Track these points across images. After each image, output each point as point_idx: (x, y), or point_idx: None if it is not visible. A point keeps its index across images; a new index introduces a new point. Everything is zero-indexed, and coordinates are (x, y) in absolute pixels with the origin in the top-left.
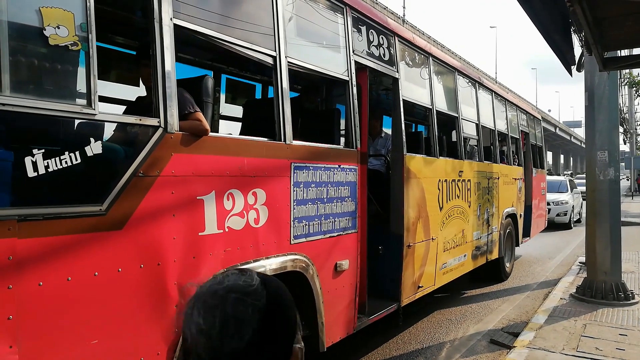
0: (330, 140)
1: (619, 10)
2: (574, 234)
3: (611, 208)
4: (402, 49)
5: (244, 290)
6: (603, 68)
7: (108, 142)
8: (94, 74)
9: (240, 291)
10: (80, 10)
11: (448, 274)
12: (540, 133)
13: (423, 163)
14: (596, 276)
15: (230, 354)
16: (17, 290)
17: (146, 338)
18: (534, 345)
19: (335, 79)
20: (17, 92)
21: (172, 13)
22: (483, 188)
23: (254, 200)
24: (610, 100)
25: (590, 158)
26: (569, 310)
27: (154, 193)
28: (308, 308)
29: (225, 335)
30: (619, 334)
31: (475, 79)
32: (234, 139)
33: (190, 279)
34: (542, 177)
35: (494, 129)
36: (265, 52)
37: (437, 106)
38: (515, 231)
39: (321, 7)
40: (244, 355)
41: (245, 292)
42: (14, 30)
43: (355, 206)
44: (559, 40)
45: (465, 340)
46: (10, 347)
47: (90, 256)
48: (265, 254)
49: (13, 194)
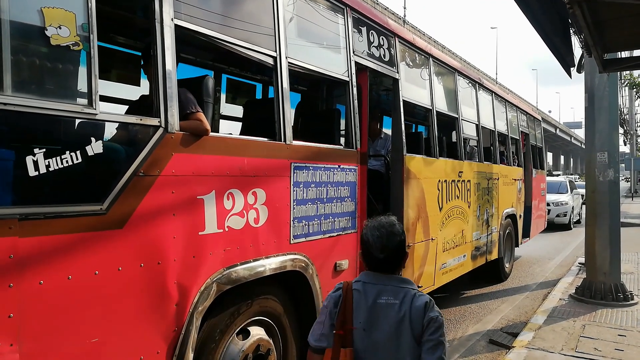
0: (330, 141)
1: (619, 12)
2: (573, 235)
3: (611, 209)
4: (402, 50)
5: (392, 222)
6: (603, 70)
7: (109, 141)
8: (95, 74)
9: (390, 223)
10: (81, 11)
11: (447, 274)
12: (540, 134)
13: (423, 163)
14: (595, 277)
15: (392, 246)
16: (18, 288)
17: (146, 337)
18: (533, 346)
19: (335, 79)
20: (19, 92)
21: (173, 13)
22: (483, 189)
23: (253, 200)
24: (610, 102)
25: (590, 159)
26: (568, 311)
27: (155, 192)
28: (307, 307)
29: (390, 238)
30: (618, 335)
31: (476, 80)
32: (234, 139)
33: (190, 279)
34: (542, 177)
35: (494, 130)
36: (266, 52)
37: (437, 107)
38: (515, 232)
39: (322, 7)
40: (397, 246)
41: (392, 224)
42: (16, 30)
43: (355, 206)
44: (558, 42)
45: (464, 341)
46: (11, 346)
47: (91, 255)
48: (265, 253)
49: (14, 193)
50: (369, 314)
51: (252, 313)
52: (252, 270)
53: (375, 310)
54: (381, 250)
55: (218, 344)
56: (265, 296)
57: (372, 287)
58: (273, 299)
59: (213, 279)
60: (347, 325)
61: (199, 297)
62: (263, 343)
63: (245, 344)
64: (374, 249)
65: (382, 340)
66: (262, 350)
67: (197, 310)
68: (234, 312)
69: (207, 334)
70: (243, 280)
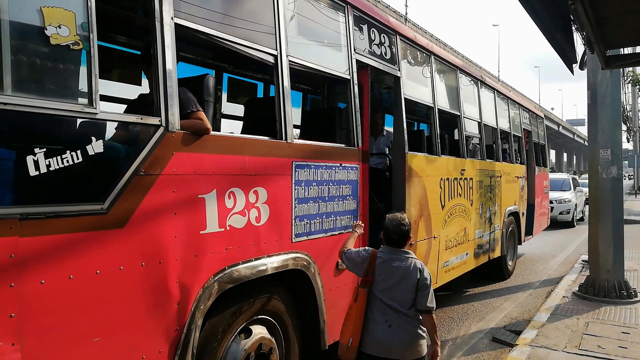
0: (331, 139)
1: (621, 8)
2: (576, 233)
3: (614, 206)
4: (403, 48)
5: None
6: (605, 66)
7: (109, 141)
8: (95, 73)
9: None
10: (81, 10)
11: (450, 272)
12: (542, 131)
13: (425, 161)
14: (599, 274)
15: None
16: (19, 288)
17: (148, 336)
18: (537, 343)
19: (336, 77)
20: (19, 92)
21: (173, 12)
22: (485, 186)
23: (255, 199)
24: (612, 99)
25: (592, 156)
26: (571, 309)
27: (155, 192)
28: (310, 306)
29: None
30: (622, 332)
31: (478, 77)
32: (235, 138)
33: (192, 278)
34: (544, 175)
35: (496, 127)
36: (267, 50)
37: (439, 104)
38: (518, 229)
39: (322, 5)
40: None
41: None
42: (16, 30)
43: (357, 205)
44: (560, 38)
45: (467, 339)
46: (12, 345)
47: (92, 254)
48: (266, 252)
49: (15, 192)
50: (386, 269)
51: (254, 312)
52: (254, 269)
53: (390, 268)
54: (394, 234)
55: (220, 343)
56: (267, 295)
57: (389, 255)
58: (275, 298)
59: (215, 278)
60: (367, 277)
61: (200, 296)
62: (265, 342)
63: (247, 343)
64: (391, 233)
65: (393, 284)
66: (264, 349)
67: (198, 310)
68: (236, 311)
69: (209, 333)
70: (245, 279)
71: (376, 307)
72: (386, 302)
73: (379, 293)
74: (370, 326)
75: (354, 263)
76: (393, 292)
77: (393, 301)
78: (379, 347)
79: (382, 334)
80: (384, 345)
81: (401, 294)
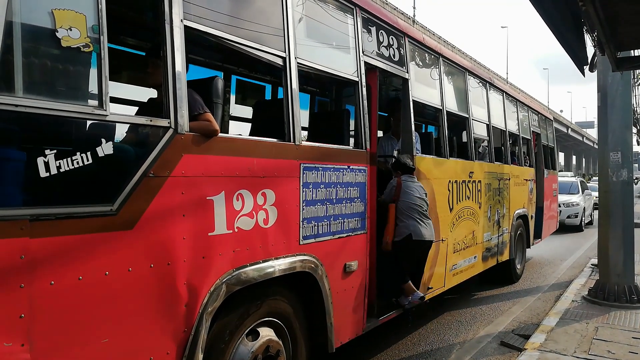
0: (339, 141)
1: (632, 9)
2: (585, 236)
3: (624, 210)
4: (412, 50)
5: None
6: (616, 68)
7: (119, 142)
8: (105, 75)
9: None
10: (92, 12)
11: (458, 275)
12: (552, 134)
13: (433, 164)
14: (609, 278)
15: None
16: (28, 289)
17: (156, 337)
18: (545, 348)
19: (345, 79)
20: (30, 93)
21: (183, 14)
22: (494, 189)
23: (263, 201)
24: (623, 101)
25: (602, 159)
26: (580, 313)
27: (164, 193)
28: (317, 308)
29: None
30: (632, 337)
31: (486, 79)
32: (243, 140)
33: (200, 280)
34: (553, 178)
35: (505, 130)
36: (275, 53)
37: (447, 107)
38: (527, 232)
39: (331, 7)
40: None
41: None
42: (27, 32)
43: (365, 207)
44: (571, 38)
45: (475, 342)
46: (22, 345)
47: (101, 256)
48: (274, 254)
49: (25, 194)
50: (408, 189)
51: (261, 314)
52: (262, 271)
53: (412, 188)
54: (411, 165)
55: (227, 344)
56: (275, 297)
57: (410, 179)
58: (282, 300)
59: (222, 279)
60: (395, 197)
61: (208, 298)
62: (272, 344)
63: (255, 345)
64: (410, 164)
65: (415, 197)
66: (272, 351)
67: (206, 311)
68: (244, 313)
69: (217, 334)
70: (252, 281)
71: (409, 211)
72: (414, 206)
73: (404, 207)
74: (409, 223)
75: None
76: (413, 204)
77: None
78: (416, 236)
79: (416, 227)
80: (418, 234)
81: (420, 204)
